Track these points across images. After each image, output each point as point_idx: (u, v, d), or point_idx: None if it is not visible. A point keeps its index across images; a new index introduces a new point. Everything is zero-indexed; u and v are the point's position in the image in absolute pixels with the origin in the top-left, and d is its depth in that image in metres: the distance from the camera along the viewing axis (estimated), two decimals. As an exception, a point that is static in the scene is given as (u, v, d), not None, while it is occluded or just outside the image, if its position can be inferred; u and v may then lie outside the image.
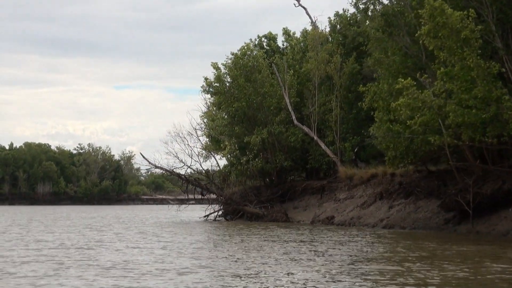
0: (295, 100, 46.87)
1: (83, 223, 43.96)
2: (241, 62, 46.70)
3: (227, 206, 45.75)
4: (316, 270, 15.78)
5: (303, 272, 15.45)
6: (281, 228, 35.22)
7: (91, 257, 19.62)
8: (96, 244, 24.74)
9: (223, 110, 48.03)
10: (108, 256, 19.72)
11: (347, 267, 16.29)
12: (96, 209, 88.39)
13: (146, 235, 29.86)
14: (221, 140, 48.43)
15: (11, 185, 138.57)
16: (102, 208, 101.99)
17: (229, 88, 46.98)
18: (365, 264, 16.97)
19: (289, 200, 46.25)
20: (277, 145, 46.71)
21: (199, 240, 26.68)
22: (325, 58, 45.46)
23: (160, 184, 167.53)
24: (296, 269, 16.04)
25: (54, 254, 20.53)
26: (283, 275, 15.08)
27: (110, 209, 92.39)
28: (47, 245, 24.37)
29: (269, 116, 46.76)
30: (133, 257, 19.55)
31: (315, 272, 15.51)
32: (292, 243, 23.87)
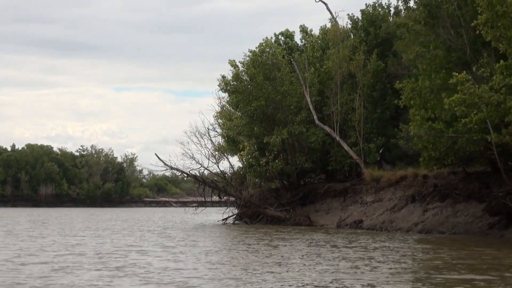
0: (316, 99, 45.20)
1: (103, 226, 42.12)
2: (260, 60, 45.04)
3: (246, 209, 44.03)
4: (397, 281, 14.11)
5: (388, 285, 13.76)
6: (311, 232, 33.53)
7: (140, 264, 18.01)
8: (136, 250, 23.13)
9: (240, 109, 46.27)
10: (158, 263, 18.14)
11: (422, 275, 14.64)
12: (104, 212, 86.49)
13: (183, 240, 28.18)
14: (239, 140, 46.71)
15: (13, 187, 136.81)
16: (107, 210, 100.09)
17: (247, 86, 45.27)
18: (441, 272, 15.30)
19: (310, 203, 44.57)
20: (297, 146, 45.03)
21: (244, 244, 24.99)
22: (347, 55, 43.84)
23: (163, 187, 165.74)
24: (373, 280, 14.37)
25: (103, 261, 18.97)
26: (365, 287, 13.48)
27: (120, 211, 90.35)
28: (85, 251, 22.74)
29: (289, 116, 45.07)
30: (187, 265, 17.94)
31: (397, 283, 13.84)
32: (343, 249, 22.24)
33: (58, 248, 23.95)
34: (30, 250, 23.35)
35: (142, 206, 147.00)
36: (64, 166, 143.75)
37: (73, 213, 77.61)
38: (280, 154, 45.20)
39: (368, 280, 14.38)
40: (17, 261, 19.42)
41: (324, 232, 33.66)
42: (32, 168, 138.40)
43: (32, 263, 19.07)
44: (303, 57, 46.42)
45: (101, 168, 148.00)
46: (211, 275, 15.77)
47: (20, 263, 18.97)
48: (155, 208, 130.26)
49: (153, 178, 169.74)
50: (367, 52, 43.77)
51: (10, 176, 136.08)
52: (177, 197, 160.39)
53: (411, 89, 28.78)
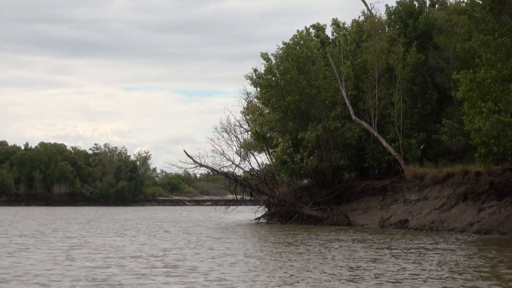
0: (352, 93, 43.42)
1: (131, 226, 40.48)
2: (294, 53, 43.30)
3: (280, 208, 42.27)
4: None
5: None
6: (356, 232, 31.81)
7: (190, 268, 16.31)
8: (179, 252, 21.47)
9: (272, 104, 44.46)
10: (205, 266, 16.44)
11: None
12: (122, 211, 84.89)
13: (228, 243, 26.50)
14: (271, 137, 44.99)
15: (27, 186, 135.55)
16: (124, 209, 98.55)
17: (280, 80, 43.52)
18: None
19: (346, 202, 42.81)
20: (331, 142, 43.27)
21: (303, 245, 23.28)
22: (386, 48, 42.06)
23: (176, 185, 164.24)
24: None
25: (152, 265, 17.30)
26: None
27: (139, 210, 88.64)
28: (126, 251, 21.08)
29: (323, 111, 43.33)
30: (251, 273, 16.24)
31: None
32: (417, 252, 20.53)
33: (110, 252, 22.32)
34: (75, 251, 21.77)
35: (156, 204, 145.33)
36: (77, 165, 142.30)
37: (92, 212, 76.04)
38: (315, 151, 43.47)
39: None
40: (83, 266, 17.80)
41: (371, 232, 31.94)
42: (46, 167, 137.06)
43: (91, 266, 17.48)
44: (337, 50, 44.65)
45: (114, 166, 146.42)
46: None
47: (93, 266, 17.38)
48: (174, 207, 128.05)
49: (166, 176, 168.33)
50: (406, 44, 41.99)
51: (24, 175, 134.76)
52: (190, 196, 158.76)
53: (469, 80, 26.98)
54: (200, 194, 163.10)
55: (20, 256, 20.60)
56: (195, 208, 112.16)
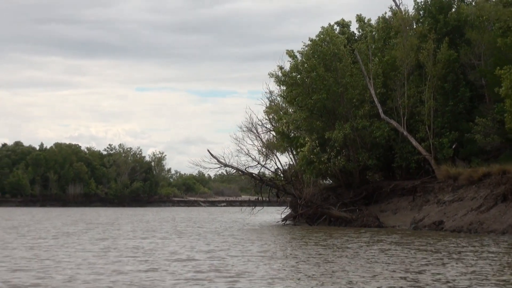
0: (380, 91, 42.25)
1: (157, 227, 39.51)
2: (320, 50, 42.21)
3: (307, 209, 41.15)
4: None
5: None
6: (390, 235, 30.66)
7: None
8: (219, 254, 20.45)
9: (298, 102, 43.34)
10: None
11: None
12: (140, 211, 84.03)
13: (267, 246, 25.45)
14: (296, 136, 43.89)
15: (42, 186, 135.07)
16: (142, 210, 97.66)
17: (306, 78, 42.42)
18: None
19: (374, 203, 41.66)
20: (359, 141, 42.14)
21: (348, 249, 22.18)
22: (415, 44, 40.87)
23: (191, 186, 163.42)
24: None
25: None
26: None
27: (158, 211, 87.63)
28: (167, 254, 20.06)
29: (351, 109, 42.22)
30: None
31: None
32: (474, 255, 19.39)
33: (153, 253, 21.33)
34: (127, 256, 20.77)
35: (170, 205, 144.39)
36: (92, 166, 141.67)
37: (110, 213, 75.22)
38: (342, 151, 42.35)
39: None
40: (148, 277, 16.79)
41: (407, 234, 30.78)
42: (61, 167, 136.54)
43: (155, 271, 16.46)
44: (364, 47, 43.47)
45: (129, 167, 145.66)
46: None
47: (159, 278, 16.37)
48: (190, 208, 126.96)
49: (180, 177, 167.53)
50: (436, 41, 40.78)
51: (39, 175, 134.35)
52: (205, 197, 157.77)
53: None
54: (215, 195, 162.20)
55: (58, 259, 19.52)
56: (211, 209, 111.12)
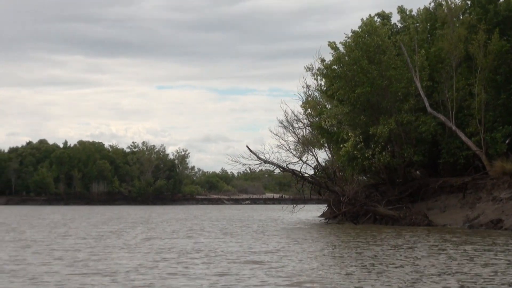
0: (426, 84, 40.57)
1: (204, 226, 38.11)
2: (363, 41, 40.62)
3: (351, 207, 39.58)
4: None
5: None
6: (448, 234, 29.07)
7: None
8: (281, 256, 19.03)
9: (339, 96, 41.77)
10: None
11: None
12: (168, 210, 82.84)
13: (322, 248, 24.00)
14: (338, 131, 42.31)
15: (66, 185, 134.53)
16: (170, 208, 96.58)
17: (349, 71, 40.83)
18: None
19: (421, 200, 40.02)
20: (403, 137, 40.52)
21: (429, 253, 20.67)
22: (463, 35, 39.14)
23: (214, 184, 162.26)
24: None
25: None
26: None
27: (187, 209, 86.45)
28: (246, 257, 18.69)
29: (395, 103, 40.59)
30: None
31: None
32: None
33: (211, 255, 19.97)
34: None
35: (194, 203, 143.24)
36: (115, 163, 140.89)
37: (139, 211, 74.14)
38: (387, 146, 40.74)
39: None
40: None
41: (466, 233, 29.14)
42: (84, 165, 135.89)
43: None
44: (408, 38, 41.77)
45: (152, 165, 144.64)
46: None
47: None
48: (214, 206, 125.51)
49: (203, 175, 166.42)
50: (486, 31, 39.01)
51: (62, 173, 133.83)
52: (229, 194, 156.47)
53: None
54: (238, 192, 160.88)
55: (114, 262, 18.20)
56: (238, 207, 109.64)
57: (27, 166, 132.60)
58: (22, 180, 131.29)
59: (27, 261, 18.41)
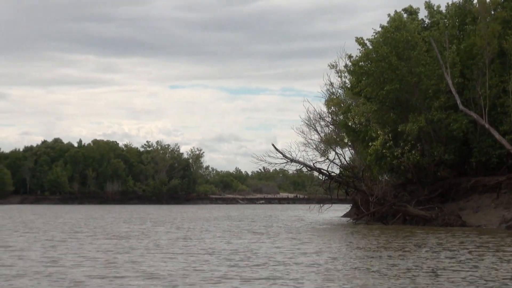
0: (457, 81, 39.42)
1: (232, 226, 37.19)
2: (392, 37, 39.51)
3: (380, 207, 38.51)
4: None
5: None
6: (486, 235, 27.95)
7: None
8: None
9: (366, 94, 40.69)
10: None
11: None
12: (186, 209, 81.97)
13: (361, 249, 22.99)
14: (367, 129, 41.23)
15: (80, 184, 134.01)
16: (188, 208, 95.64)
17: (377, 67, 39.73)
18: None
19: (452, 200, 38.89)
20: (433, 135, 39.40)
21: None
22: (497, 30, 37.97)
23: (229, 183, 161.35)
24: None
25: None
26: None
27: (207, 208, 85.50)
28: (295, 259, 17.71)
29: (425, 101, 39.48)
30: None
31: None
32: None
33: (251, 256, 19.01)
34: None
35: (208, 203, 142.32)
36: (129, 163, 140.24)
37: (157, 211, 73.33)
38: (417, 144, 39.65)
39: None
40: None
41: (507, 235, 28.01)
42: (99, 164, 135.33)
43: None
44: (437, 34, 40.59)
45: (167, 164, 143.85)
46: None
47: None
48: (230, 206, 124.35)
49: (217, 174, 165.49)
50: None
51: (77, 172, 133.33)
52: (243, 194, 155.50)
53: None
54: (253, 192, 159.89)
55: (168, 266, 17.20)
56: (255, 207, 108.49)
57: (42, 165, 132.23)
58: (36, 179, 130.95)
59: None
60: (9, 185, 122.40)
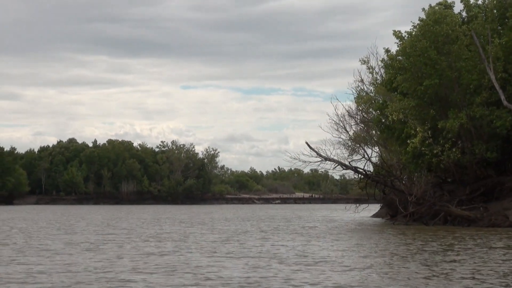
0: (501, 76, 37.84)
1: (268, 227, 35.86)
2: (431, 30, 37.99)
3: (420, 207, 37.01)
4: None
5: None
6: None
7: None
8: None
9: (402, 89, 39.20)
10: None
11: None
12: (206, 209, 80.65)
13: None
14: (405, 126, 39.70)
15: (95, 184, 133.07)
16: (206, 208, 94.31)
17: (416, 62, 38.21)
18: None
19: (495, 200, 37.33)
20: (473, 132, 37.86)
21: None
22: (542, 23, 36.41)
23: (244, 183, 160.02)
24: None
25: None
26: None
27: (227, 209, 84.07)
28: (332, 259, 16.29)
29: (466, 96, 37.95)
30: None
31: None
32: None
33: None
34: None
35: (224, 203, 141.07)
36: (144, 163, 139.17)
37: (177, 211, 72.06)
38: (458, 142, 38.12)
39: None
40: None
41: None
42: (114, 164, 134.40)
43: None
44: (481, 26, 38.99)
45: (182, 164, 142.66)
46: None
47: None
48: (249, 206, 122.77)
49: (232, 174, 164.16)
50: None
51: (92, 173, 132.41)
52: (259, 194, 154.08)
53: None
54: (268, 192, 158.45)
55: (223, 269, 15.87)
56: (275, 206, 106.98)
57: (57, 165, 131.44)
58: (52, 180, 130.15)
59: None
60: (25, 185, 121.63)
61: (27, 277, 14.49)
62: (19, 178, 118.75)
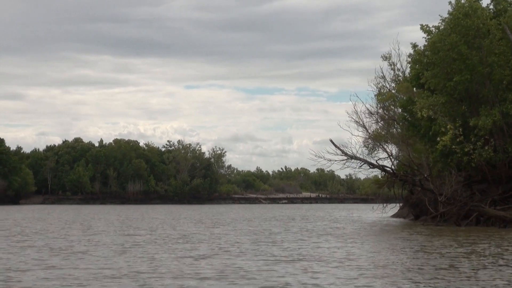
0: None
1: (290, 227, 34.51)
2: (461, 24, 36.58)
3: (451, 207, 35.62)
4: None
5: None
6: None
7: None
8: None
9: (430, 85, 37.79)
10: None
11: None
12: (217, 209, 79.29)
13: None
14: (434, 123, 38.29)
15: (102, 184, 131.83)
16: (216, 208, 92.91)
17: (445, 57, 36.81)
18: None
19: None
20: (506, 129, 36.47)
21: None
22: None
23: (251, 183, 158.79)
24: None
25: None
26: None
27: (237, 208, 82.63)
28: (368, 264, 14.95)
29: (498, 92, 36.56)
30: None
31: None
32: None
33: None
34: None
35: (231, 203, 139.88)
36: (151, 162, 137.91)
37: (189, 211, 70.72)
38: (491, 140, 36.72)
39: None
40: None
41: None
42: (120, 164, 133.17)
43: None
44: (509, 19, 37.61)
45: (188, 164, 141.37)
46: None
47: None
48: (257, 205, 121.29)
49: (239, 174, 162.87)
50: None
51: (98, 172, 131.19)
52: (266, 194, 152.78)
53: None
54: (275, 191, 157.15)
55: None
56: (284, 206, 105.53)
57: (63, 165, 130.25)
58: (58, 179, 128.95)
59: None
60: (31, 185, 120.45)
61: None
62: (26, 178, 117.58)
